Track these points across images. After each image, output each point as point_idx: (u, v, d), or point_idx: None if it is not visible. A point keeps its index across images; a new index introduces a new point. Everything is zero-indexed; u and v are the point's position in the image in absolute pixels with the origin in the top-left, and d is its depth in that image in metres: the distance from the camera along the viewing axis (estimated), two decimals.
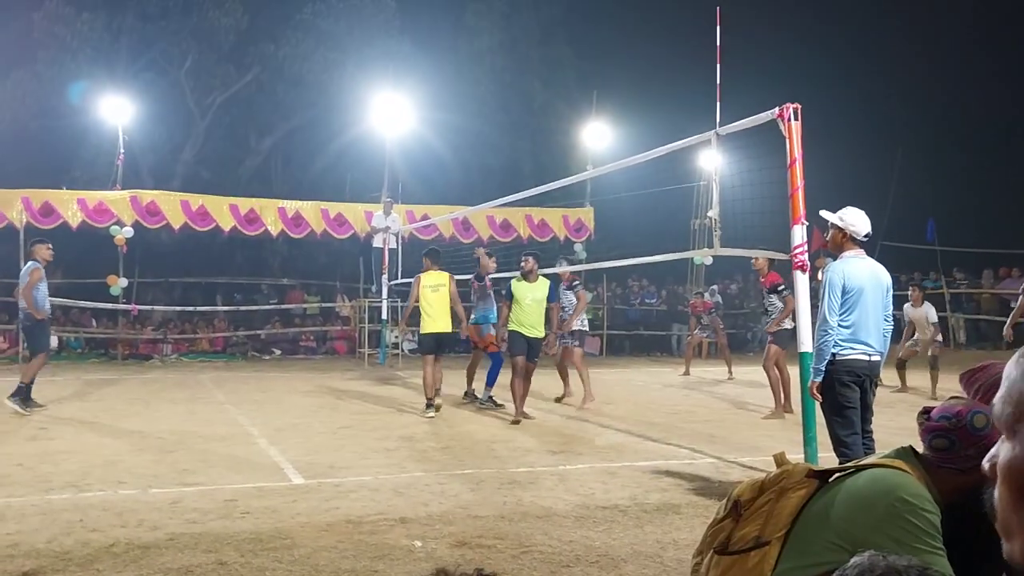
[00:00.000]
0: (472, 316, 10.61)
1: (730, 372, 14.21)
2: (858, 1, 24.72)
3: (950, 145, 21.86)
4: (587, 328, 11.21)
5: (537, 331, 9.20)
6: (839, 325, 5.11)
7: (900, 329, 11.23)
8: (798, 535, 2.33)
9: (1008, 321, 9.89)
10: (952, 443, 2.25)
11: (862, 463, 2.37)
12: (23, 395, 8.92)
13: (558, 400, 10.70)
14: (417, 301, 9.46)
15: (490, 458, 6.90)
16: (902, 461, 2.33)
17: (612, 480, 6.10)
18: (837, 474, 2.38)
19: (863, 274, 5.18)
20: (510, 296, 9.24)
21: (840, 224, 5.19)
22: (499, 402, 9.91)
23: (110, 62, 19.30)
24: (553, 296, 9.46)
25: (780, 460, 2.51)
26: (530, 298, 9.11)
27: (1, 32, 18.61)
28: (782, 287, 9.34)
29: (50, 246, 9.67)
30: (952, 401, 2.36)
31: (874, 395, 5.32)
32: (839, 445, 5.11)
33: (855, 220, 5.15)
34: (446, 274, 9.61)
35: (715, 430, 8.52)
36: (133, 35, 19.91)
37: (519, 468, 6.49)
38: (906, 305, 12.13)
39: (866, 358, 5.14)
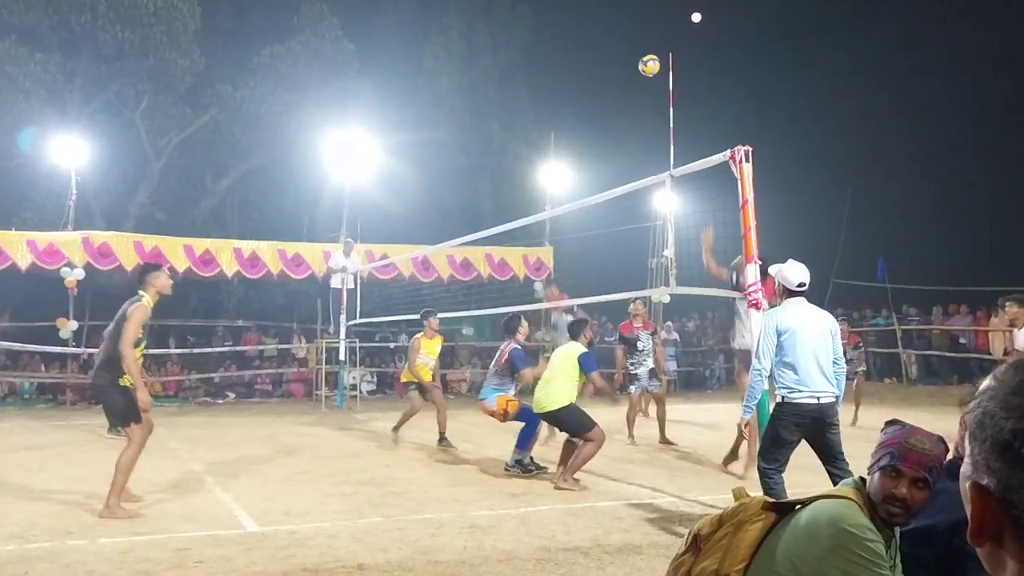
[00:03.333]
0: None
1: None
2: (805, 46, 25.48)
3: (899, 185, 22.47)
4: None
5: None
6: (784, 368, 5.34)
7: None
8: (757, 568, 2.36)
9: None
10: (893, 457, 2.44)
11: (813, 495, 2.43)
12: None
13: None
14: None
15: (450, 501, 6.82)
16: (849, 489, 2.42)
17: (574, 521, 6.07)
18: (794, 507, 2.43)
19: (796, 319, 5.41)
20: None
21: (776, 276, 5.64)
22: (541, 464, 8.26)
23: (63, 103, 19.07)
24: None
25: (738, 494, 2.55)
26: None
27: None
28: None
29: None
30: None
31: (835, 433, 5.44)
32: (761, 475, 5.41)
33: (788, 273, 5.52)
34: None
35: (676, 468, 8.53)
36: (88, 76, 19.72)
37: (480, 511, 6.43)
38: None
39: (814, 401, 5.32)
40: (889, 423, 2.56)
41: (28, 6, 18.40)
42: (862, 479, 2.49)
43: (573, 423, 7.51)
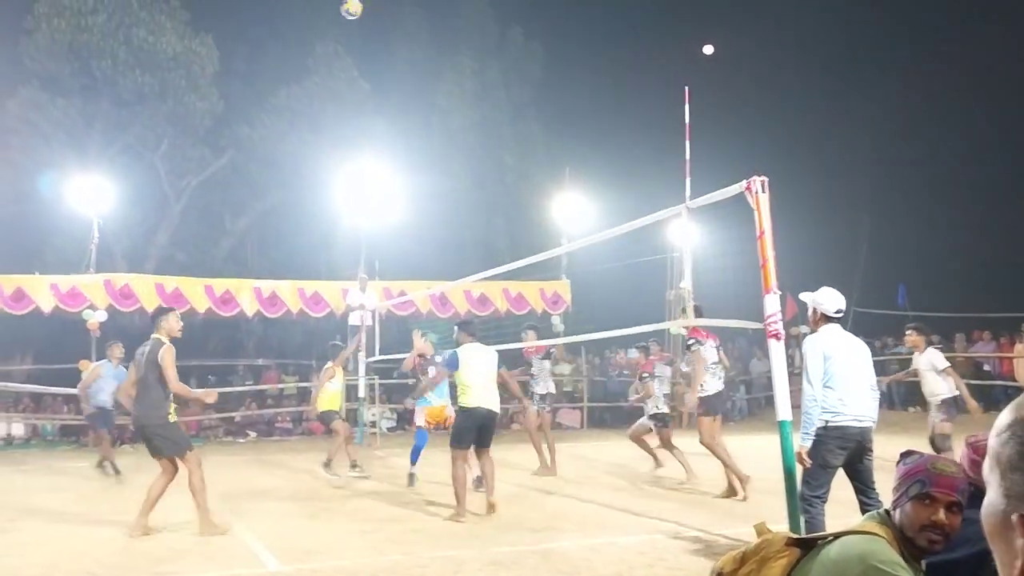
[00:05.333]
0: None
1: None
2: (821, 75, 25.62)
3: (918, 212, 22.38)
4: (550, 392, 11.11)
5: None
6: (827, 391, 5.34)
7: None
8: None
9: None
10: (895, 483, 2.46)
11: (838, 531, 2.39)
12: None
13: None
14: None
15: (470, 537, 6.77)
16: (874, 523, 2.37)
17: (596, 557, 5.99)
18: (819, 542, 2.39)
19: (839, 344, 5.49)
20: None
21: (812, 304, 5.65)
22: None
23: (84, 147, 19.41)
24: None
25: (760, 530, 2.51)
26: None
27: None
28: (691, 342, 8.70)
29: None
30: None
31: (870, 460, 5.50)
32: (803, 501, 5.34)
33: (825, 299, 5.58)
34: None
35: (698, 501, 8.43)
36: (108, 120, 20.08)
37: (500, 548, 6.37)
38: None
39: (858, 424, 5.37)
40: (905, 454, 2.53)
41: (50, 53, 18.82)
42: (887, 512, 2.45)
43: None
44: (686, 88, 7.64)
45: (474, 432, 7.77)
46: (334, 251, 20.65)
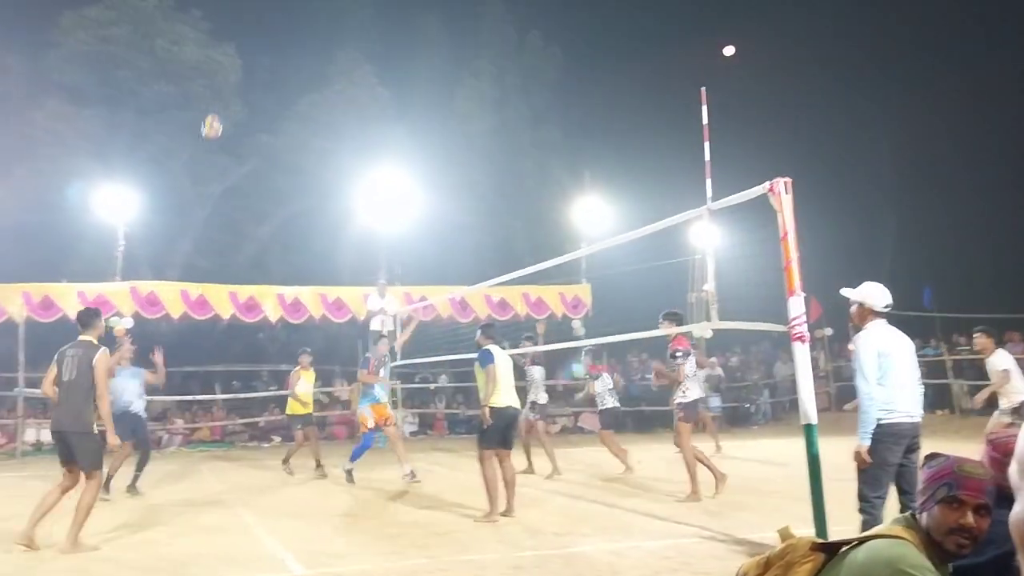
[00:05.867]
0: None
1: (717, 446, 13.28)
2: (845, 72, 25.36)
3: (945, 213, 22.09)
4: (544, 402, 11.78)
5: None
6: (879, 389, 5.27)
7: None
8: None
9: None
10: (922, 485, 2.42)
11: (864, 535, 2.36)
12: None
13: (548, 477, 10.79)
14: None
15: (493, 542, 6.76)
16: (901, 528, 2.34)
17: (620, 562, 5.97)
18: (843, 547, 2.37)
19: (891, 340, 5.42)
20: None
21: (860, 299, 5.54)
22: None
23: (109, 156, 19.65)
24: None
25: (784, 535, 2.49)
26: None
27: (3, 131, 19.02)
28: (679, 353, 8.93)
29: None
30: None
31: (916, 459, 5.38)
32: (863, 502, 5.23)
33: (873, 294, 5.52)
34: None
35: (722, 506, 8.37)
36: (132, 130, 20.33)
37: (524, 552, 6.36)
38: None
39: (909, 421, 5.32)
40: (930, 456, 2.50)
41: (74, 65, 19.09)
42: (912, 516, 2.43)
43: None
44: (702, 89, 7.60)
45: (502, 432, 7.86)
46: (355, 257, 20.75)
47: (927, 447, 3.13)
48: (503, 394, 7.87)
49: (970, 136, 21.86)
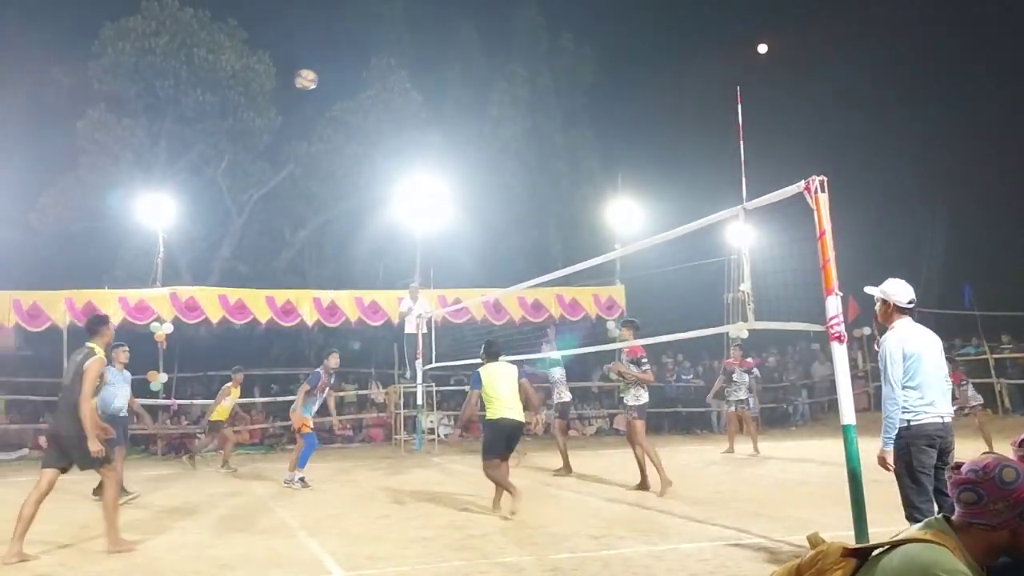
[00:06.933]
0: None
1: (755, 448, 13.66)
2: (879, 67, 24.95)
3: (986, 210, 21.65)
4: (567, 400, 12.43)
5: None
6: (907, 391, 5.17)
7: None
8: None
9: None
10: (980, 496, 2.27)
11: (896, 539, 2.31)
12: None
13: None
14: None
15: (530, 544, 6.77)
16: (934, 531, 2.29)
17: (657, 564, 5.94)
18: (875, 551, 2.33)
19: (918, 339, 5.29)
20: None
21: (883, 296, 5.39)
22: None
23: (149, 165, 20.04)
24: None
25: (814, 541, 2.45)
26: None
27: (47, 141, 19.49)
28: (644, 359, 9.62)
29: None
30: (982, 456, 2.38)
31: (949, 461, 5.25)
32: (911, 509, 5.12)
33: (896, 290, 5.35)
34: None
35: (760, 508, 8.30)
36: (172, 138, 20.70)
37: (560, 554, 6.36)
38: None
39: (940, 420, 5.21)
40: (957, 467, 2.42)
41: (115, 75, 19.49)
42: (946, 518, 2.37)
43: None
44: (738, 88, 7.55)
45: (503, 442, 8.33)
46: (390, 260, 20.91)
47: (971, 448, 3.08)
48: (498, 407, 8.28)
49: (1010, 133, 21.40)
